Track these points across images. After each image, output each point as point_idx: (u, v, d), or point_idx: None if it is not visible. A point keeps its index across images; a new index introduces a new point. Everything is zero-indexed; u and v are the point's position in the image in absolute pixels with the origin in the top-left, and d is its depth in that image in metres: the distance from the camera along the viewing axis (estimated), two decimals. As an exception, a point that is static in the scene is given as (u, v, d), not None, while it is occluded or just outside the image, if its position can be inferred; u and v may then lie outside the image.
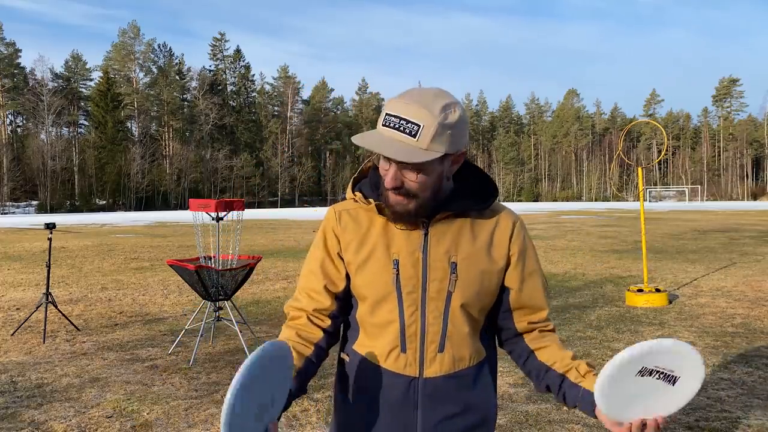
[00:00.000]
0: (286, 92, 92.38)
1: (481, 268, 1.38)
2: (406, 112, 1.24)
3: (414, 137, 1.23)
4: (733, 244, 15.95)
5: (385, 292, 1.36)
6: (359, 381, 1.43)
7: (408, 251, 1.36)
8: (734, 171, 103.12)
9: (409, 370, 1.36)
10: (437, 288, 1.35)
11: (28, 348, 5.80)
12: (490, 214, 1.43)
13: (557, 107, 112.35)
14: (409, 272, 1.35)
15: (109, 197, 67.94)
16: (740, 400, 4.14)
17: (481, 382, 1.42)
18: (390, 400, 1.38)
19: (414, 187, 1.29)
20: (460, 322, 1.36)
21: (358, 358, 1.43)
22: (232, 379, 1.06)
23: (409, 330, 1.36)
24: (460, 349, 1.37)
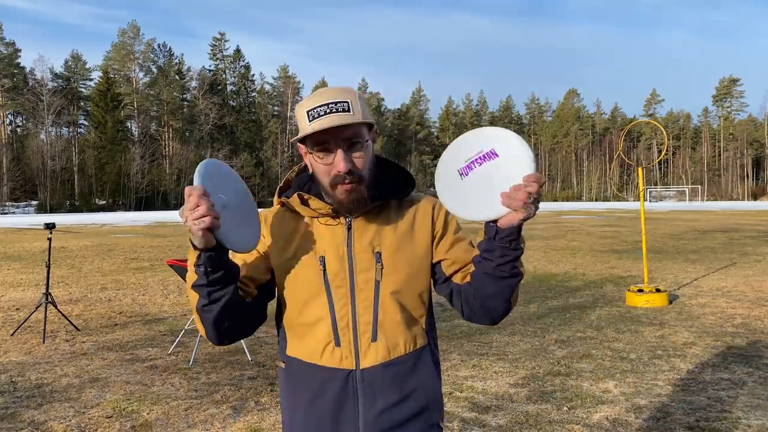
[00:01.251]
0: (286, 92, 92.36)
1: (406, 254, 1.41)
2: (330, 98, 1.33)
3: (348, 112, 1.32)
4: (734, 244, 15.95)
5: (313, 289, 1.38)
6: (298, 383, 1.43)
7: (333, 247, 1.39)
8: (734, 171, 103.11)
9: (345, 363, 1.37)
10: (365, 279, 1.38)
11: (28, 348, 5.80)
12: (410, 202, 1.47)
13: (557, 107, 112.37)
14: (336, 267, 1.38)
15: (108, 197, 67.92)
16: (740, 401, 4.14)
17: (420, 369, 1.42)
18: (330, 396, 1.38)
19: (361, 166, 1.35)
20: (392, 309, 1.38)
21: (293, 362, 1.43)
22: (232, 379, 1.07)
23: (341, 323, 1.37)
24: (394, 336, 1.39)
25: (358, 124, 1.34)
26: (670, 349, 5.51)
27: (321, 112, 1.32)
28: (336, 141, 1.33)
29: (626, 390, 4.39)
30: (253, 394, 4.40)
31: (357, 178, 1.34)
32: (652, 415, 3.91)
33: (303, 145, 1.40)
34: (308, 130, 1.32)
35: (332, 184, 1.35)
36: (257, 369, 5.03)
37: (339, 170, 1.33)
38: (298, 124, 1.40)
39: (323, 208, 1.40)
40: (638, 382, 4.57)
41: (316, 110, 1.32)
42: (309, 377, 1.41)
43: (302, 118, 1.35)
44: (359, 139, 1.35)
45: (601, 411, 3.98)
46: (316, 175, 1.39)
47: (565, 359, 5.20)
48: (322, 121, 1.31)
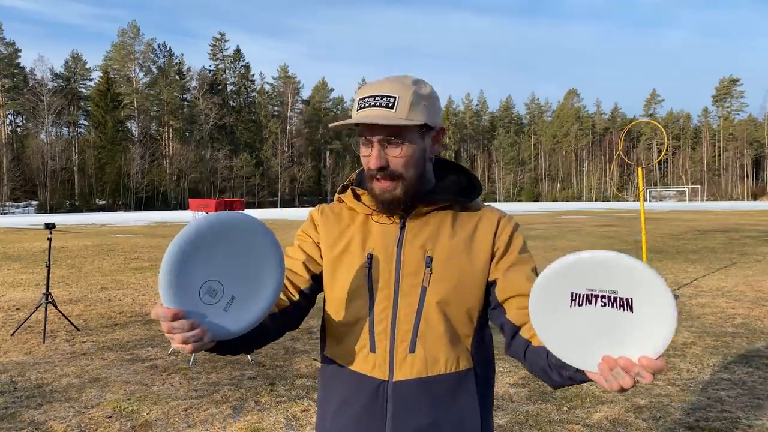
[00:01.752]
0: (286, 92, 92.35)
1: (459, 264, 1.29)
2: (379, 90, 1.26)
3: (391, 108, 1.24)
4: (734, 244, 15.95)
5: (356, 287, 1.30)
6: (331, 386, 1.36)
7: (383, 245, 1.31)
8: (734, 171, 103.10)
9: (377, 372, 1.28)
10: (411, 283, 1.28)
11: (28, 348, 5.80)
12: (474, 211, 1.37)
13: (557, 107, 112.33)
14: (382, 267, 1.30)
15: (108, 197, 67.92)
16: (740, 401, 4.14)
17: (460, 395, 1.28)
18: (357, 405, 1.30)
19: (398, 165, 1.26)
20: (435, 320, 1.27)
21: (329, 364, 1.37)
22: (232, 379, 1.05)
23: (378, 327, 1.28)
24: (434, 350, 1.27)
25: (399, 126, 1.25)
26: (669, 349, 5.51)
27: (365, 104, 1.26)
28: (373, 135, 1.26)
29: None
30: (253, 394, 4.40)
31: (390, 177, 1.27)
32: (652, 415, 3.91)
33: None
34: (345, 121, 1.28)
35: (369, 178, 1.31)
36: (257, 369, 5.03)
37: (370, 166, 1.28)
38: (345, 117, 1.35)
39: (374, 204, 1.33)
40: (638, 382, 4.56)
41: (364, 100, 1.26)
42: (340, 381, 1.33)
43: (354, 105, 1.30)
44: (398, 138, 1.26)
45: (601, 411, 3.98)
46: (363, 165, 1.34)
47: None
48: (362, 113, 1.26)
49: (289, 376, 4.82)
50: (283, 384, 4.62)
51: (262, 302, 1.12)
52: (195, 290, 1.05)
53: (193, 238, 1.04)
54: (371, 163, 1.27)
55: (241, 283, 1.10)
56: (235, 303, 1.09)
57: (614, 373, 0.96)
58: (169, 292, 1.03)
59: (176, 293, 1.03)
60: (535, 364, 1.20)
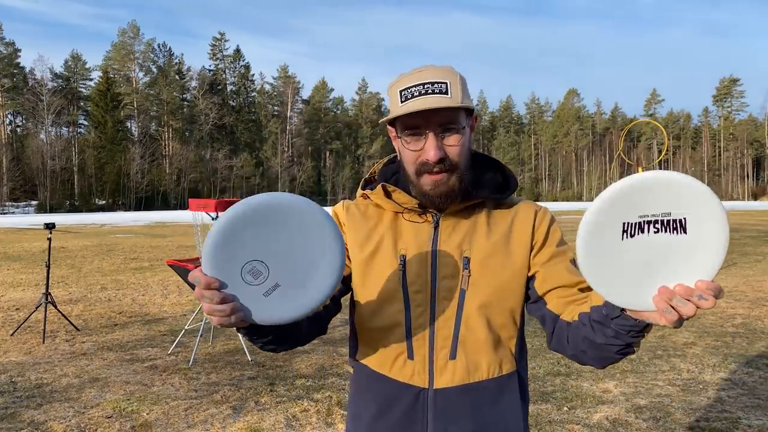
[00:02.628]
0: (286, 92, 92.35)
1: (499, 262, 1.23)
2: (426, 77, 1.18)
3: (446, 94, 1.17)
4: (734, 244, 15.95)
5: (389, 291, 1.23)
6: (366, 393, 1.29)
7: (416, 246, 1.24)
8: (735, 171, 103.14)
9: (417, 380, 1.22)
10: (448, 286, 1.21)
11: (28, 348, 5.80)
12: (508, 206, 1.30)
13: (557, 107, 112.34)
14: (417, 269, 1.22)
15: (108, 197, 67.91)
16: (741, 401, 4.13)
17: (504, 399, 1.24)
18: (396, 414, 1.23)
19: (455, 154, 1.19)
20: (477, 324, 1.21)
21: (361, 369, 1.30)
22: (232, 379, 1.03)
23: (416, 333, 1.22)
24: (476, 356, 1.21)
25: (454, 109, 1.18)
26: (670, 349, 5.51)
27: (414, 93, 1.17)
28: (428, 125, 1.17)
29: (626, 390, 4.39)
30: (253, 394, 4.40)
31: (449, 168, 1.19)
32: (652, 415, 3.91)
33: (393, 129, 1.26)
34: (398, 112, 1.18)
35: (418, 173, 1.20)
36: (257, 369, 5.03)
37: (429, 158, 1.17)
38: (389, 103, 1.25)
39: (409, 202, 1.24)
40: (638, 382, 4.57)
41: (410, 90, 1.18)
42: (376, 389, 1.26)
43: (394, 97, 1.21)
44: (455, 125, 1.19)
45: (601, 411, 3.98)
46: (403, 162, 1.24)
47: (565, 359, 5.19)
48: (414, 102, 1.17)
49: (289, 376, 4.81)
50: (283, 384, 4.62)
51: (307, 301, 1.02)
52: (238, 266, 0.98)
53: (252, 209, 0.98)
54: (431, 155, 1.17)
55: (290, 274, 1.01)
56: (277, 292, 1.01)
57: (674, 302, 0.89)
58: (210, 260, 0.97)
59: (218, 262, 0.97)
60: (578, 337, 1.14)
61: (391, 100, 1.23)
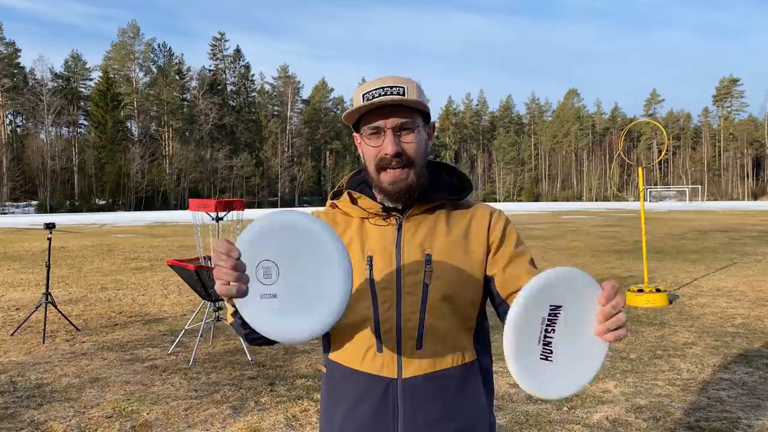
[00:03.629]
0: (286, 92, 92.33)
1: (458, 260, 1.33)
2: (386, 82, 1.30)
3: (403, 96, 1.29)
4: (734, 244, 15.95)
5: (359, 289, 1.31)
6: (338, 390, 1.36)
7: (381, 247, 1.33)
8: (735, 171, 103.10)
9: (386, 371, 1.29)
10: (412, 281, 1.30)
11: (28, 348, 5.80)
12: (465, 208, 1.41)
13: (557, 107, 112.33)
14: (382, 267, 1.32)
15: (108, 197, 67.91)
16: (741, 401, 4.13)
17: (468, 386, 1.33)
18: (368, 405, 1.30)
19: (411, 151, 1.30)
20: (440, 315, 1.29)
21: (334, 366, 1.38)
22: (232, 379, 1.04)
23: (384, 326, 1.29)
24: (441, 346, 1.30)
25: (410, 111, 1.31)
26: (670, 349, 5.51)
27: (375, 94, 1.29)
28: (386, 123, 1.29)
29: (626, 390, 4.39)
30: (253, 394, 4.40)
31: (405, 163, 1.29)
32: (652, 415, 3.91)
33: (357, 135, 1.37)
34: (357, 105, 1.30)
35: (378, 169, 1.31)
36: (257, 369, 5.03)
37: (387, 152, 1.28)
38: (353, 107, 1.35)
39: (373, 207, 1.35)
40: (638, 382, 4.57)
41: (372, 93, 1.30)
42: (348, 384, 1.34)
43: (357, 100, 1.32)
44: (410, 125, 1.30)
45: (601, 411, 3.98)
46: (366, 161, 1.35)
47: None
48: (374, 101, 1.29)
49: (289, 376, 4.81)
50: (283, 384, 4.62)
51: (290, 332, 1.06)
52: (261, 257, 1.05)
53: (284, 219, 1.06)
54: (388, 149, 1.28)
55: (291, 294, 1.06)
56: (272, 302, 1.05)
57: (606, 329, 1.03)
58: (248, 237, 1.05)
59: (250, 245, 1.04)
60: None
61: (355, 103, 1.33)
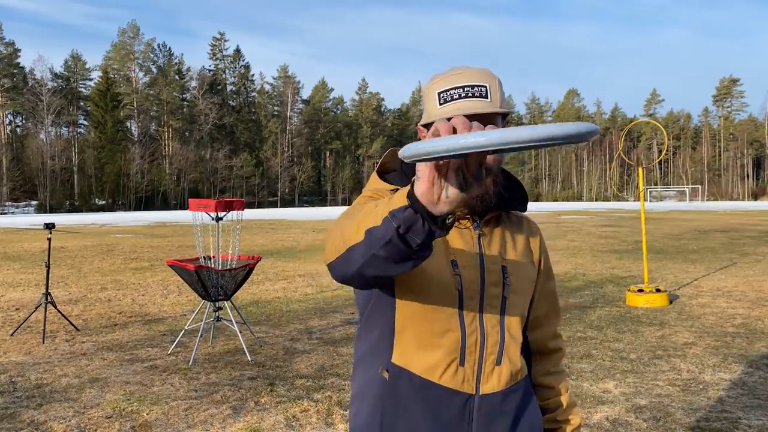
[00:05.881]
0: (286, 92, 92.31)
1: (526, 273, 1.31)
2: (468, 79, 1.17)
3: (486, 98, 1.16)
4: (734, 245, 15.94)
5: (443, 296, 1.20)
6: (404, 400, 1.22)
7: (465, 252, 1.22)
8: (735, 171, 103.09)
9: (466, 387, 1.21)
10: (494, 294, 1.24)
11: (28, 348, 5.79)
12: (518, 218, 1.34)
13: (557, 107, 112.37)
14: (470, 275, 1.22)
15: (108, 197, 67.90)
16: (741, 401, 4.13)
17: (530, 397, 1.33)
18: (442, 422, 1.21)
19: (493, 161, 1.12)
20: (516, 331, 1.27)
21: (401, 373, 1.22)
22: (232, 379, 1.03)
23: (469, 339, 1.21)
24: (516, 361, 1.27)
25: (493, 114, 1.17)
26: (670, 349, 5.51)
27: (455, 95, 1.16)
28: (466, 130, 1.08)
29: (626, 390, 4.39)
30: (253, 394, 4.40)
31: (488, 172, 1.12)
32: (652, 415, 3.91)
33: (424, 129, 1.23)
34: (438, 115, 1.15)
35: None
36: (257, 369, 5.02)
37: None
38: (424, 105, 1.22)
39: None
40: (638, 382, 4.57)
41: (450, 92, 1.16)
42: (419, 396, 1.21)
43: (431, 99, 1.19)
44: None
45: (601, 411, 3.98)
46: None
47: (565, 359, 5.19)
48: (456, 105, 1.15)
49: (289, 377, 4.81)
50: (283, 384, 4.62)
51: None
52: None
53: None
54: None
55: None
56: None
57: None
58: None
59: None
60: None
61: (427, 101, 1.20)
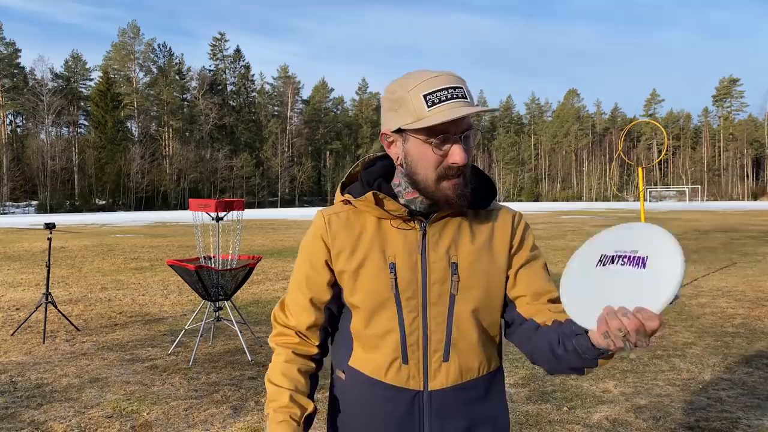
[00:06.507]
0: (286, 92, 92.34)
1: (484, 267, 1.28)
2: (448, 81, 1.20)
3: (466, 99, 1.20)
4: (734, 244, 15.95)
5: (382, 299, 1.26)
6: (357, 399, 1.32)
7: (405, 253, 1.26)
8: (734, 171, 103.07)
9: (412, 383, 1.26)
10: (438, 292, 1.26)
11: (28, 348, 5.80)
12: (487, 212, 1.35)
13: (557, 107, 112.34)
14: (408, 276, 1.26)
15: (108, 197, 67.91)
16: (740, 401, 4.14)
17: (493, 393, 1.32)
18: (392, 418, 1.27)
19: (469, 159, 1.22)
20: (467, 327, 1.26)
21: (355, 374, 1.32)
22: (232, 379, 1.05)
23: (410, 339, 1.26)
24: (468, 357, 1.27)
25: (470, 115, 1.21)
26: (670, 349, 5.51)
27: (442, 97, 1.18)
28: (456, 131, 1.18)
29: (626, 390, 4.39)
30: (253, 394, 4.40)
31: (463, 173, 1.22)
32: (652, 415, 3.91)
33: (407, 133, 1.23)
34: (435, 118, 1.16)
35: (440, 177, 1.20)
36: (257, 369, 5.03)
37: (457, 162, 1.18)
38: (400, 109, 1.22)
39: (398, 210, 1.25)
40: (638, 382, 4.57)
41: (436, 95, 1.18)
42: (369, 394, 1.29)
43: (415, 102, 1.19)
44: (471, 131, 1.21)
45: (601, 411, 3.98)
46: (419, 167, 1.22)
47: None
48: (446, 106, 1.17)
49: (289, 376, 4.81)
50: (283, 384, 4.61)
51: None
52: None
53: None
54: (459, 160, 1.18)
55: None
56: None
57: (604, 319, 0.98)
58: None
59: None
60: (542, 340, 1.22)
61: (410, 103, 1.20)
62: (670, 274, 0.97)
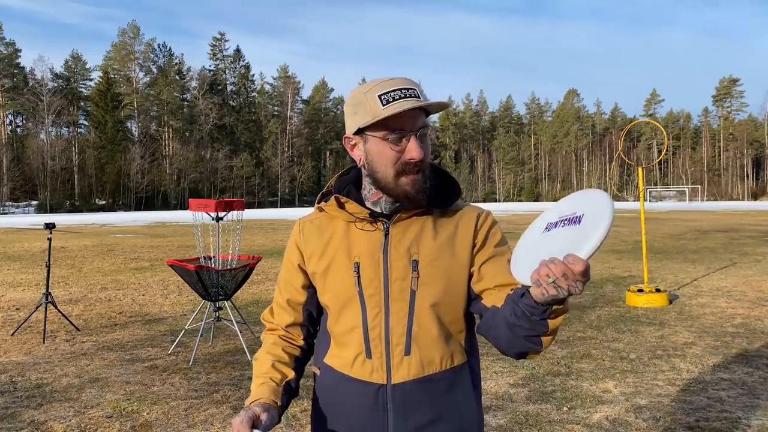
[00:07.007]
0: (286, 92, 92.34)
1: (444, 264, 1.33)
2: (400, 84, 1.28)
3: (419, 98, 1.27)
4: (734, 244, 15.94)
5: (347, 297, 1.34)
6: (329, 393, 1.40)
7: (368, 253, 1.33)
8: (734, 171, 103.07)
9: (375, 377, 1.32)
10: (399, 288, 1.31)
11: (28, 348, 5.80)
12: (452, 211, 1.39)
13: (557, 107, 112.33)
14: (370, 274, 1.32)
15: (108, 197, 67.91)
16: (740, 401, 4.14)
17: (457, 389, 1.35)
18: (359, 410, 1.33)
19: (426, 156, 1.29)
20: (428, 321, 1.31)
21: (327, 370, 1.40)
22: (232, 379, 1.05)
23: (372, 333, 1.32)
24: (429, 351, 1.31)
25: (424, 114, 1.30)
26: (670, 349, 5.51)
27: (396, 96, 1.25)
28: (411, 127, 1.26)
29: (626, 390, 4.39)
30: (253, 394, 4.40)
31: (422, 168, 1.29)
32: (652, 415, 3.91)
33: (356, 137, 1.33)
34: (388, 112, 1.23)
35: (399, 173, 1.27)
36: (257, 369, 5.02)
37: (414, 157, 1.25)
38: (359, 110, 1.29)
39: (361, 212, 1.33)
40: (638, 382, 4.57)
41: (390, 94, 1.25)
42: (339, 388, 1.37)
43: (371, 102, 1.26)
44: (426, 129, 1.29)
45: (601, 411, 3.98)
46: (379, 165, 1.29)
47: (565, 359, 5.20)
48: (399, 104, 1.24)
49: (289, 376, 4.81)
50: (283, 384, 4.62)
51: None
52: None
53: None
54: (416, 155, 1.25)
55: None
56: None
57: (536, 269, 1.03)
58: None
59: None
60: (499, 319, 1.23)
61: (366, 104, 1.27)
62: (598, 222, 1.03)
